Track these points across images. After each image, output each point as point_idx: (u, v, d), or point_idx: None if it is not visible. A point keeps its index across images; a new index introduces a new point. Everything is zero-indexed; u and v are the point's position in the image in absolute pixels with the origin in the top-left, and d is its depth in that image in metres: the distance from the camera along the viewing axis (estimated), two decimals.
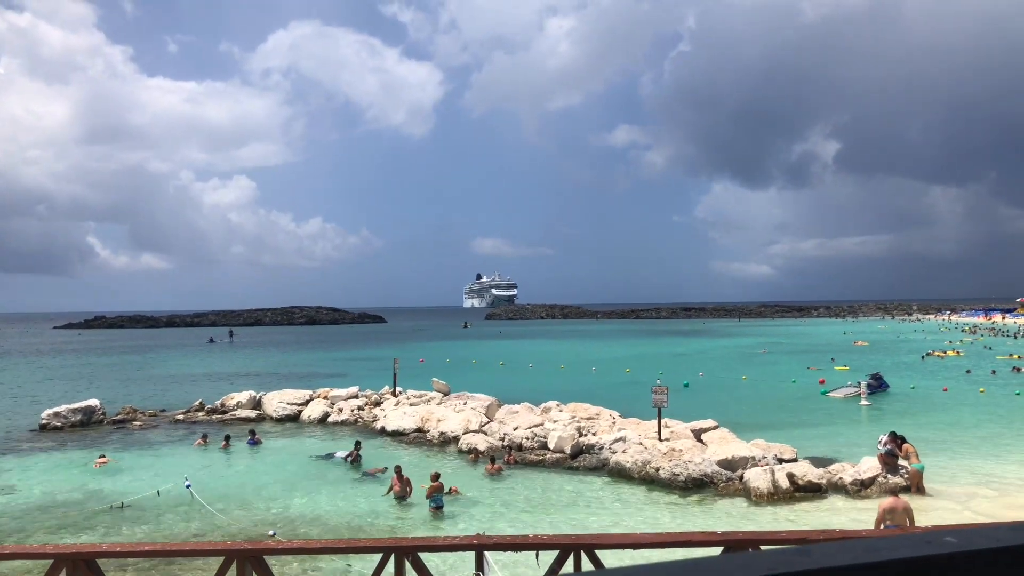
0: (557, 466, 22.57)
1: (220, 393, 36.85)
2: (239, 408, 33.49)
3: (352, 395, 33.95)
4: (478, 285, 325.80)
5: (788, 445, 22.21)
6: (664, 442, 22.44)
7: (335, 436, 28.62)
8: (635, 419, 26.35)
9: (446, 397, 32.27)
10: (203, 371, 57.80)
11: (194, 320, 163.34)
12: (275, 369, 58.23)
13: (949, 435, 26.09)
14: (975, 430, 27.37)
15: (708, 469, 19.91)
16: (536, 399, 30.54)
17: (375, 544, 9.37)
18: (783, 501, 18.20)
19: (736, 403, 35.73)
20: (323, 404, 32.76)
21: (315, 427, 30.91)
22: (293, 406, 33.00)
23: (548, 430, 24.53)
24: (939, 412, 31.96)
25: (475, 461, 23.18)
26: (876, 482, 18.72)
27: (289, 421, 32.06)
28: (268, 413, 32.94)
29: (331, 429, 30.35)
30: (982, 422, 29.17)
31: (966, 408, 33.04)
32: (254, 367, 60.93)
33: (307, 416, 32.01)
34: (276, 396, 34.19)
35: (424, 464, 22.68)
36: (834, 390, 38.70)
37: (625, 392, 37.90)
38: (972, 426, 28.30)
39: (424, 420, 28.28)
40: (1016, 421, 29.26)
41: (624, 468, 21.12)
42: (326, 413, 31.93)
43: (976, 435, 26.34)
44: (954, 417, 30.53)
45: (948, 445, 24.12)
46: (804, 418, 31.22)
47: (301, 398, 33.87)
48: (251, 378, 49.79)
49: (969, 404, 34.32)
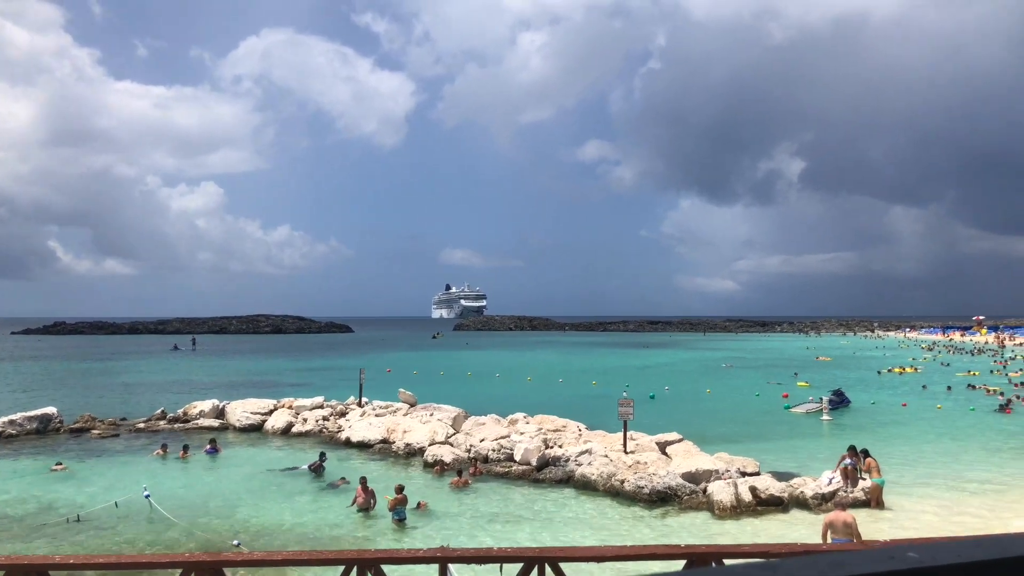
0: (523, 478, 22.50)
1: (183, 402, 36.29)
2: (202, 417, 32.98)
3: (317, 405, 33.60)
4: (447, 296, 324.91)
5: (751, 459, 22.41)
6: (630, 455, 22.52)
7: (299, 447, 28.29)
8: (601, 431, 26.41)
9: (412, 408, 32.08)
10: (166, 379, 56.86)
11: (158, 327, 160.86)
12: (239, 378, 57.48)
13: (909, 450, 26.51)
14: (933, 445, 27.85)
15: (672, 482, 19.99)
16: (503, 411, 30.49)
17: (337, 556, 9.26)
18: (746, 514, 18.33)
19: (701, 416, 35.99)
20: (287, 414, 32.37)
21: (279, 437, 30.53)
22: (257, 416, 32.57)
23: (515, 442, 24.48)
24: (899, 427, 32.48)
25: (440, 473, 23.04)
26: (836, 496, 18.93)
27: (252, 431, 31.62)
28: (231, 422, 32.48)
29: (295, 439, 29.99)
30: (939, 437, 29.70)
31: (924, 423, 33.62)
32: (218, 376, 60.09)
33: (271, 426, 31.60)
34: (240, 405, 33.73)
35: (389, 476, 22.50)
36: (797, 405, 39.15)
37: (592, 404, 37.99)
38: (930, 441, 28.80)
39: (390, 431, 28.07)
40: (971, 436, 29.83)
41: (590, 480, 21.13)
42: (290, 423, 31.54)
43: (934, 449, 26.81)
44: (913, 432, 31.04)
45: (908, 460, 24.51)
46: (767, 432, 31.52)
47: (265, 408, 33.45)
48: (215, 387, 49.09)
49: (927, 419, 34.92)
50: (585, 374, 60.42)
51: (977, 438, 29.48)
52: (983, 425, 33.15)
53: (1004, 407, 38.25)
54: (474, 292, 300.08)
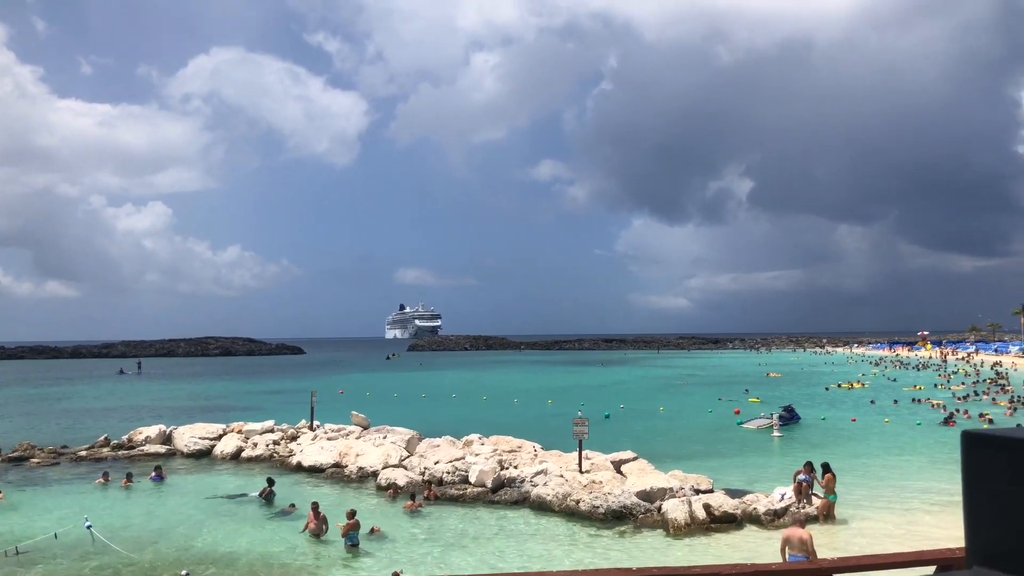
0: (478, 500, 22.31)
1: (128, 428, 35.24)
2: (148, 443, 32.08)
3: (267, 429, 32.94)
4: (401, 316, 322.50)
5: (705, 476, 22.55)
6: (585, 474, 22.48)
7: (249, 472, 27.67)
8: (557, 451, 26.34)
9: (365, 431, 31.64)
10: (110, 405, 55.27)
11: (102, 351, 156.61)
12: (187, 402, 56.17)
13: (859, 464, 26.94)
14: (882, 459, 28.37)
15: (627, 501, 20.01)
16: (458, 432, 30.24)
17: None
18: (700, 532, 18.40)
19: (655, 434, 36.18)
20: (237, 439, 31.67)
21: (228, 463, 29.82)
22: (205, 441, 31.80)
23: (469, 464, 24.28)
24: (848, 442, 33.03)
25: (394, 497, 22.71)
26: (789, 512, 19.13)
27: (201, 457, 30.84)
28: (179, 448, 31.65)
29: (245, 465, 29.33)
30: (888, 451, 30.28)
31: (873, 438, 34.26)
32: (165, 400, 58.65)
33: (220, 451, 30.86)
34: (187, 430, 32.91)
35: (342, 500, 22.11)
36: (748, 421, 39.60)
37: (547, 424, 37.93)
38: (879, 455, 29.33)
39: (342, 455, 27.63)
40: (918, 450, 30.47)
41: (545, 501, 21.04)
42: (240, 448, 30.85)
43: (883, 464, 27.32)
44: (862, 447, 31.59)
45: (858, 474, 24.89)
46: (720, 449, 31.80)
47: (214, 432, 32.68)
48: (162, 412, 47.89)
49: (876, 434, 35.60)
50: (541, 393, 60.38)
51: (924, 452, 30.12)
52: (929, 439, 33.89)
53: (948, 420, 39.20)
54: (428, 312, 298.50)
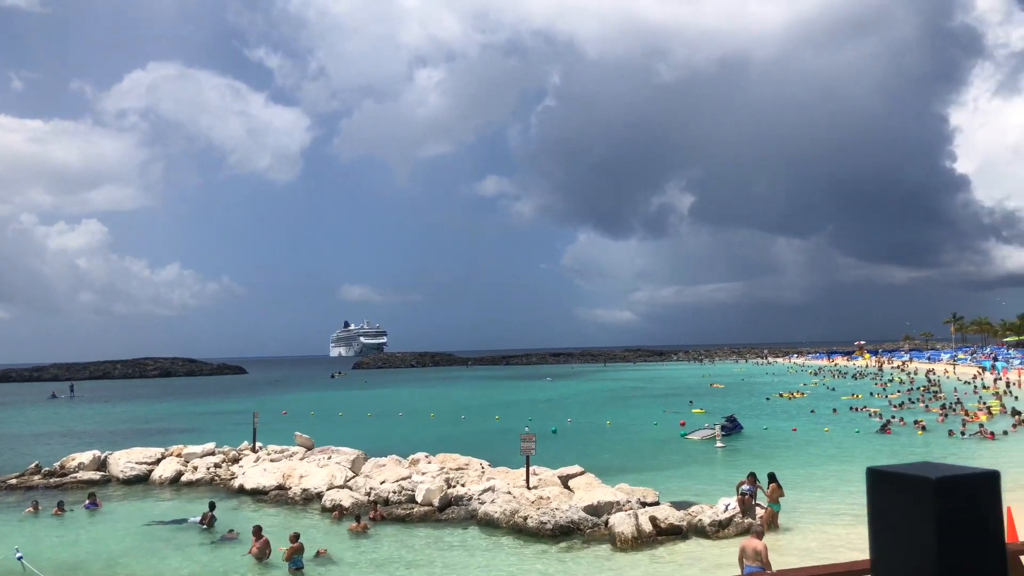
0: (425, 519, 22.09)
1: (60, 454, 33.98)
2: (81, 470, 30.97)
3: (208, 452, 32.14)
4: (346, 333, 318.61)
5: (651, 488, 22.73)
6: (532, 490, 22.45)
7: (189, 497, 26.93)
8: (504, 468, 26.27)
9: (309, 452, 31.12)
10: (42, 430, 53.30)
11: (33, 374, 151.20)
12: (124, 426, 54.50)
13: (800, 474, 27.47)
14: (823, 468, 28.98)
15: (575, 516, 20.03)
16: (404, 451, 29.96)
17: None
18: (646, 545, 18.50)
19: (602, 448, 36.38)
20: (176, 462, 30.81)
21: (167, 488, 28.97)
22: (142, 466, 30.85)
23: (416, 483, 24.04)
24: (790, 452, 33.69)
25: (339, 519, 22.34)
26: (733, 522, 19.39)
27: (138, 482, 29.88)
28: (114, 474, 30.63)
29: (184, 489, 28.54)
30: (828, 460, 30.96)
31: (813, 447, 35.01)
32: (100, 424, 56.81)
33: (158, 476, 29.98)
34: (123, 455, 31.87)
35: (286, 523, 21.67)
36: (692, 432, 40.10)
37: (495, 440, 37.82)
38: (820, 464, 29.97)
39: (286, 477, 27.10)
40: (857, 458, 31.21)
41: (493, 518, 20.94)
42: (179, 472, 30.02)
43: (824, 473, 27.90)
44: (803, 456, 32.24)
45: (800, 483, 25.36)
46: (665, 461, 32.13)
47: (152, 456, 31.73)
48: (96, 436, 46.35)
49: (816, 443, 36.39)
50: (488, 409, 60.23)
51: (863, 460, 30.83)
52: (867, 447, 34.79)
53: (884, 428, 40.31)
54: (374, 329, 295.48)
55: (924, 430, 39.10)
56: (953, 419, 43.14)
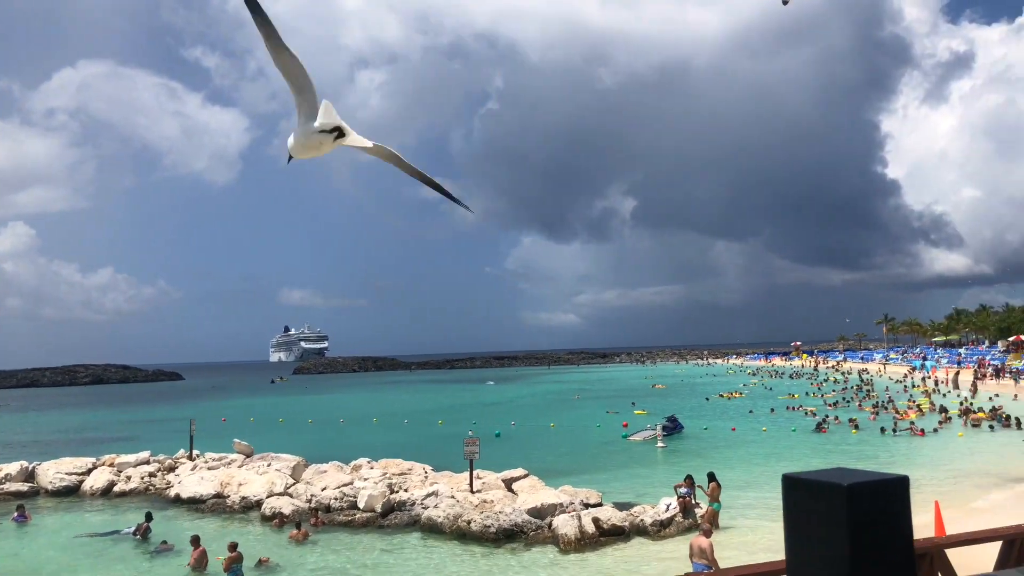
0: (368, 526, 21.86)
1: None
2: (8, 481, 29.74)
3: (143, 461, 31.23)
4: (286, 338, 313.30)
5: (594, 490, 22.90)
6: (476, 494, 22.42)
7: (123, 508, 26.13)
8: (448, 472, 26.16)
9: (248, 459, 30.49)
10: None
11: None
12: (53, 435, 52.61)
13: (740, 473, 28.00)
14: (761, 467, 29.60)
15: (519, 519, 20.06)
16: (346, 456, 29.59)
17: None
18: (589, 546, 18.63)
19: (545, 450, 36.52)
20: (109, 472, 29.86)
21: (98, 499, 28.04)
22: (73, 476, 29.80)
23: (358, 489, 23.78)
24: (729, 451, 34.32)
25: (280, 526, 21.95)
26: (674, 522, 19.68)
27: (68, 493, 28.86)
28: (43, 485, 29.52)
29: (117, 500, 27.67)
30: (766, 459, 31.66)
31: (752, 446, 35.75)
32: (28, 434, 54.78)
33: (89, 487, 29.00)
34: (52, 466, 30.75)
35: (224, 532, 21.22)
36: (634, 433, 40.53)
37: (439, 444, 37.64)
38: (758, 463, 30.61)
39: (224, 485, 26.51)
40: (794, 457, 32.01)
41: (436, 523, 20.83)
42: (112, 482, 29.10)
43: (762, 471, 28.47)
44: (742, 455, 32.89)
45: (739, 483, 25.85)
46: (608, 462, 32.42)
47: (83, 466, 30.67)
48: (24, 447, 44.66)
49: (755, 442, 37.16)
50: (432, 414, 59.96)
51: (799, 458, 31.64)
52: (803, 445, 35.67)
53: (820, 427, 41.37)
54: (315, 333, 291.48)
55: (857, 428, 40.25)
56: (885, 417, 44.50)
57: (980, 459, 30.02)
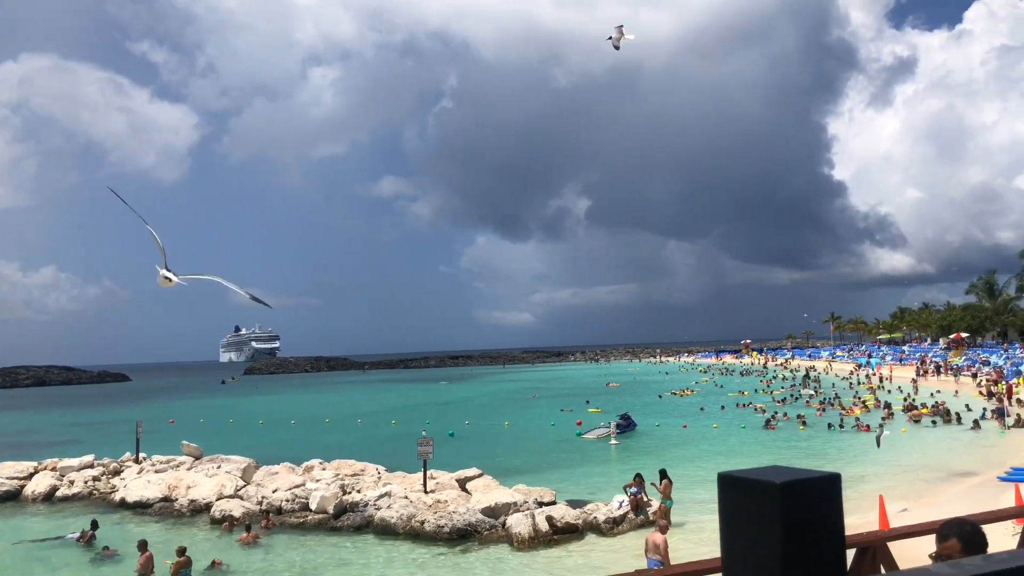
0: (320, 527, 21.64)
1: None
2: None
3: (87, 464, 30.45)
4: (236, 338, 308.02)
5: (548, 488, 22.99)
6: (430, 494, 22.34)
7: (66, 513, 25.44)
8: (401, 472, 26.03)
9: (197, 461, 29.94)
10: None
11: None
12: None
13: (691, 469, 28.35)
14: (711, 463, 30.00)
15: (472, 518, 20.05)
16: (298, 458, 29.24)
17: None
18: (543, 544, 18.71)
19: (500, 449, 36.54)
20: (51, 477, 29.05)
21: (41, 504, 27.27)
22: (13, 481, 28.92)
23: (310, 490, 23.52)
24: (681, 448, 34.75)
25: (230, 530, 21.59)
26: (627, 519, 19.85)
27: (8, 499, 27.99)
28: None
29: (60, 505, 26.95)
30: (716, 456, 32.11)
31: (703, 443, 36.24)
32: None
33: (31, 492, 28.18)
34: None
35: (172, 537, 20.80)
36: (588, 431, 40.80)
37: (392, 445, 37.38)
38: (709, 460, 31.02)
39: (172, 488, 26.01)
40: (743, 453, 32.55)
41: (389, 524, 20.72)
42: (54, 487, 28.32)
43: (713, 467, 28.85)
44: (694, 452, 33.32)
45: (690, 480, 26.17)
46: (562, 460, 32.57)
47: (23, 471, 29.78)
48: None
49: (705, 439, 37.68)
50: (385, 414, 59.54)
51: (749, 454, 32.18)
52: (753, 442, 36.27)
53: (768, 423, 42.11)
54: (266, 333, 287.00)
55: (805, 424, 41.08)
56: (831, 413, 45.49)
57: (923, 454, 30.86)
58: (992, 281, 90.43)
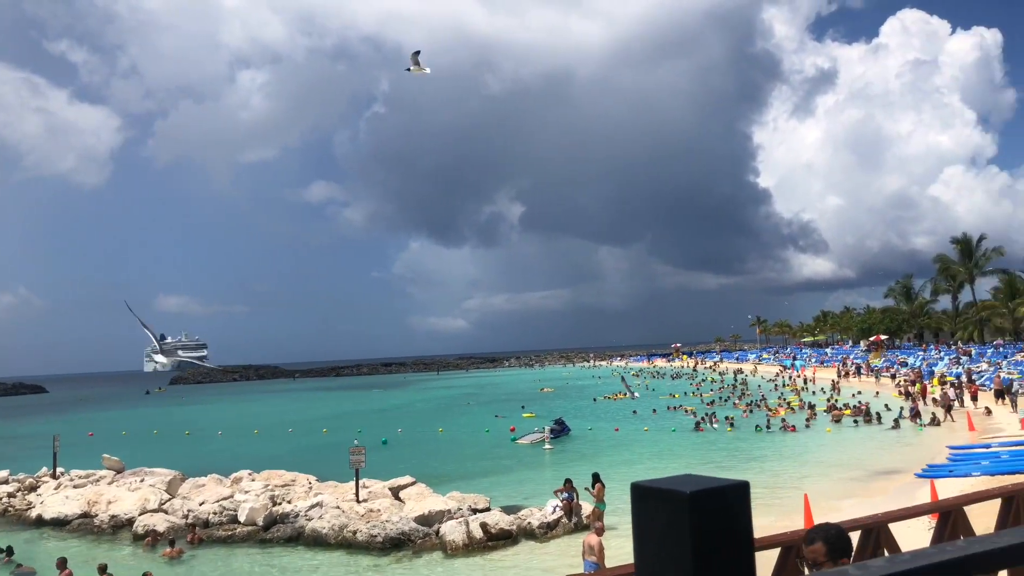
0: (249, 540, 21.15)
1: None
2: None
3: (1, 481, 29.16)
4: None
5: (482, 495, 22.96)
6: (362, 503, 22.08)
7: None
8: (333, 482, 25.64)
9: (119, 475, 28.92)
10: None
11: None
12: None
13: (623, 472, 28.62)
14: (643, 466, 30.43)
15: (406, 527, 19.89)
16: (226, 469, 28.50)
17: None
18: (477, 551, 18.68)
19: (433, 457, 36.33)
20: None
21: None
22: None
23: (238, 502, 22.98)
24: (613, 452, 35.12)
25: (153, 545, 20.92)
26: (560, 524, 19.97)
27: None
28: None
29: None
30: (648, 459, 32.58)
31: (635, 446, 36.71)
32: None
33: None
34: None
35: (93, 554, 20.06)
36: (522, 437, 40.90)
37: (324, 454, 36.80)
38: (640, 463, 31.46)
39: (92, 503, 25.06)
40: (673, 455, 33.10)
41: (321, 535, 20.40)
42: None
43: (644, 470, 29.25)
44: (625, 455, 33.73)
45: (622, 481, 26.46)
46: (496, 466, 32.56)
47: None
48: None
49: (637, 442, 38.18)
50: (317, 423, 58.54)
51: (679, 456, 32.73)
52: (682, 444, 36.90)
53: (697, 426, 42.92)
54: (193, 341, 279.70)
55: (732, 426, 42.01)
56: (758, 414, 46.63)
57: (846, 453, 31.86)
58: (909, 285, 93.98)
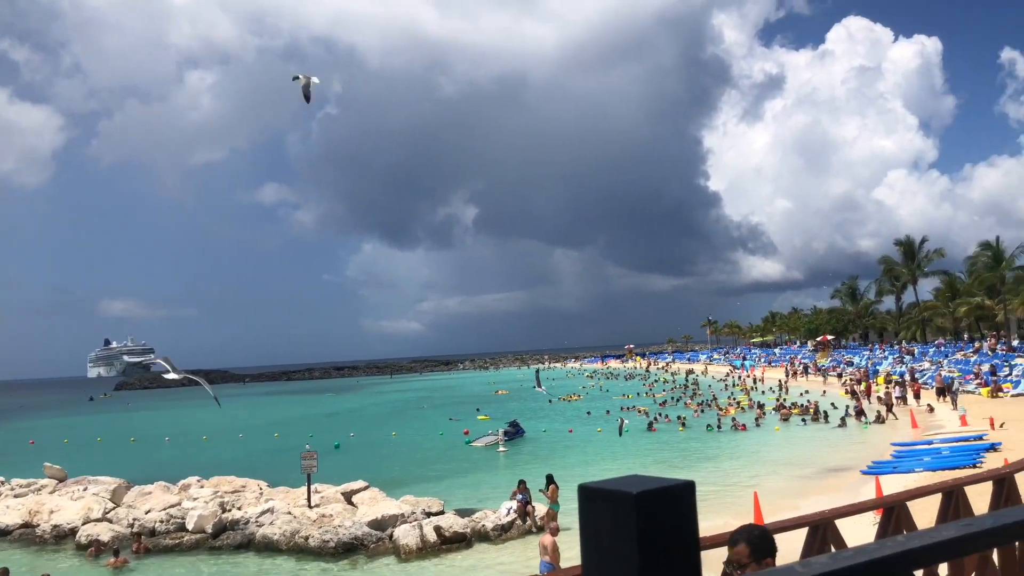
0: (197, 548, 20.73)
1: None
2: None
3: None
4: (106, 352, 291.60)
5: (436, 498, 22.84)
6: (314, 508, 21.81)
7: None
8: (284, 488, 25.26)
9: (62, 483, 28.11)
10: None
11: None
12: None
13: (577, 473, 28.79)
14: (596, 467, 30.61)
15: (358, 532, 19.69)
16: (174, 476, 27.89)
17: None
18: (431, 555, 18.59)
19: (386, 460, 36.06)
20: None
21: None
22: None
23: (186, 509, 22.50)
24: (567, 453, 35.27)
25: (96, 555, 20.38)
26: (515, 526, 19.98)
27: None
28: None
29: None
30: (601, 459, 32.78)
31: (589, 447, 36.93)
32: None
33: None
34: None
35: (35, 565, 19.49)
36: (476, 439, 40.84)
37: (275, 459, 36.27)
38: (595, 463, 31.67)
39: (33, 513, 24.31)
40: (626, 456, 33.36)
41: (272, 541, 20.10)
42: None
43: (598, 471, 29.40)
44: (579, 457, 33.90)
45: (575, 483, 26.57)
46: (450, 469, 32.45)
47: None
48: None
49: (591, 443, 38.42)
50: (267, 427, 57.72)
51: (632, 456, 33.00)
52: (635, 444, 37.21)
53: (650, 426, 43.35)
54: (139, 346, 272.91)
55: (684, 426, 42.53)
56: (709, 414, 47.27)
57: (795, 451, 32.47)
58: (854, 286, 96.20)
